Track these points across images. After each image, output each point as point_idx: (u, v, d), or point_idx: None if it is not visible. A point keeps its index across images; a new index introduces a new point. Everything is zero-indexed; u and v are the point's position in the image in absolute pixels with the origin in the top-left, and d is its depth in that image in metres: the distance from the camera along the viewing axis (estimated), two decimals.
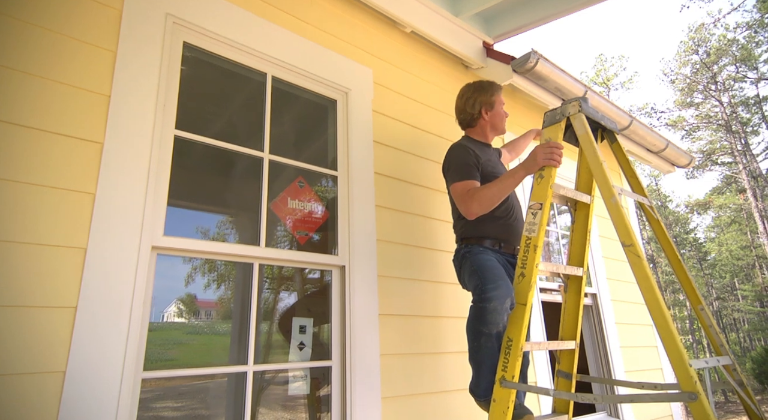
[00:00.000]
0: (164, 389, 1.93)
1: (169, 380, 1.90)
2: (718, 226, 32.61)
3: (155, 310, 1.97)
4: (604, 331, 3.44)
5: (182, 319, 2.10)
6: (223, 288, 2.15)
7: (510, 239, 2.03)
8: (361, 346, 1.97)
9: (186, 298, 2.09)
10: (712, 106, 24.60)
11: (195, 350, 2.21)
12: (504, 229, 2.02)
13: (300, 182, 2.12)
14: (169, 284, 1.90)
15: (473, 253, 1.96)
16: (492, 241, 1.99)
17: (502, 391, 1.59)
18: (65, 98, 1.45)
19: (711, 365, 1.33)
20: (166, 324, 2.01)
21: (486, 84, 2.24)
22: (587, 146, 1.66)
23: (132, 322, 1.38)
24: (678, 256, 1.65)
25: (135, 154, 1.51)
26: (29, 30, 1.43)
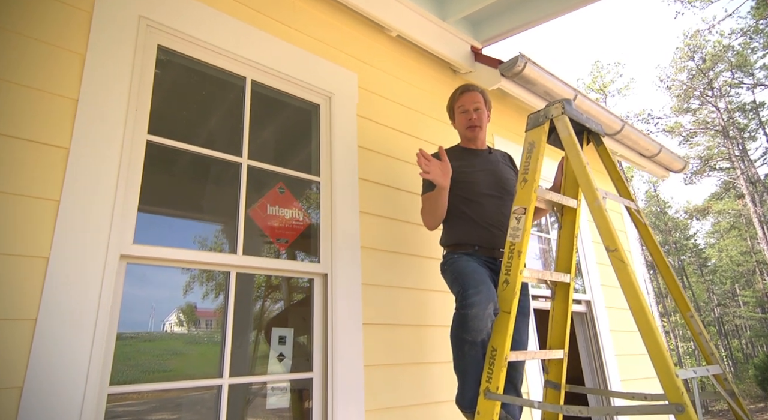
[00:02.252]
0: (143, 402, 1.87)
1: (149, 394, 1.84)
2: (718, 232, 32.55)
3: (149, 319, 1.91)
4: (599, 339, 3.37)
5: (170, 329, 2.04)
6: (207, 297, 2.09)
7: (484, 242, 1.97)
8: (344, 356, 1.91)
9: (186, 308, 2.04)
10: (709, 111, 24.66)
11: (177, 361, 2.15)
12: (476, 232, 1.98)
13: (280, 188, 2.07)
14: (151, 293, 1.85)
15: (453, 260, 1.93)
16: (465, 245, 1.96)
17: (486, 404, 1.53)
18: (29, 102, 1.40)
19: (700, 375, 1.27)
20: (147, 334, 1.95)
21: (454, 91, 2.26)
22: (571, 149, 1.62)
23: (97, 335, 1.32)
24: (666, 261, 1.59)
25: (103, 159, 1.47)
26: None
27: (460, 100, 2.19)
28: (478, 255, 1.95)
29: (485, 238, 1.98)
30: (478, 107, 2.16)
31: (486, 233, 1.98)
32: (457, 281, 1.81)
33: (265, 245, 2.00)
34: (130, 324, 1.73)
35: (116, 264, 1.43)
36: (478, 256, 1.94)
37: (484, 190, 2.04)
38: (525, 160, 1.73)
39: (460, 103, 2.19)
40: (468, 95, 2.18)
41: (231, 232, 1.84)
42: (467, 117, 2.16)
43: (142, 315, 1.87)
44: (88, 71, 1.50)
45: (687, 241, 34.25)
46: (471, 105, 2.16)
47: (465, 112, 2.17)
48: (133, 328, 1.79)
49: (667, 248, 32.23)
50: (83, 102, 1.47)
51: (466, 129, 2.18)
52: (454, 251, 1.98)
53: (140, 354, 1.85)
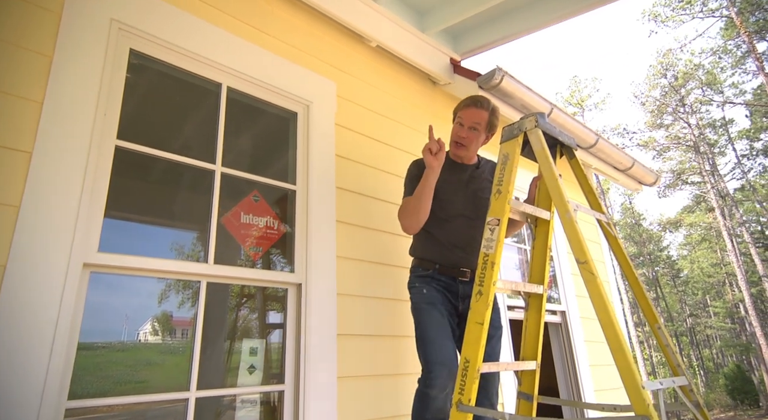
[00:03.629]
0: (112, 416, 1.80)
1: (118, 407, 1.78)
2: (690, 244, 33.46)
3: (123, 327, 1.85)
4: (573, 350, 3.40)
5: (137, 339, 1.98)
6: (179, 306, 2.04)
7: (446, 262, 1.96)
8: (318, 368, 1.88)
9: (161, 317, 1.98)
10: (681, 127, 25.48)
11: (148, 372, 2.08)
12: (440, 252, 1.98)
13: (255, 196, 2.04)
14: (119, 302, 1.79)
15: (415, 288, 1.97)
16: (428, 262, 1.98)
17: (458, 416, 1.52)
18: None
19: (666, 386, 1.29)
20: (122, 344, 1.88)
21: (466, 99, 2.10)
22: (543, 161, 1.64)
23: (55, 348, 1.27)
24: (635, 274, 1.62)
25: (68, 164, 1.42)
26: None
27: (462, 112, 2.05)
28: (438, 276, 1.95)
29: (448, 258, 1.97)
30: (474, 127, 2.01)
31: (450, 254, 1.97)
32: (421, 341, 1.83)
33: (238, 254, 1.97)
34: (98, 333, 1.68)
35: (79, 273, 1.38)
36: (439, 277, 1.95)
37: (459, 211, 2.01)
38: (499, 171, 1.74)
39: (461, 115, 2.05)
40: (471, 111, 2.02)
41: (202, 241, 1.80)
42: (457, 132, 2.05)
43: (110, 324, 1.81)
44: (54, 74, 1.46)
45: (660, 252, 35.12)
46: (468, 122, 2.02)
47: (460, 125, 2.04)
48: (100, 337, 1.73)
49: (642, 259, 32.97)
50: (48, 105, 1.43)
51: (452, 143, 2.10)
52: (418, 266, 2.01)
53: (110, 364, 1.79)
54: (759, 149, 25.43)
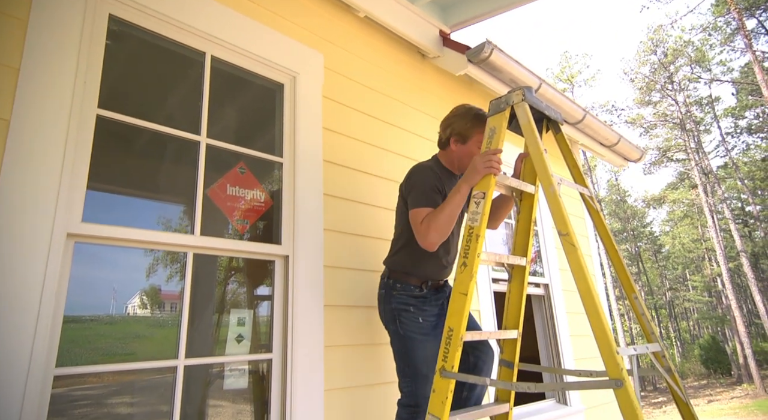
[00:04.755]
0: (104, 386, 1.83)
1: (110, 377, 1.81)
2: (672, 220, 34.15)
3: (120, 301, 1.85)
4: (555, 321, 3.50)
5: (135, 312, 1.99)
6: (166, 278, 2.04)
7: (438, 279, 1.94)
8: (305, 338, 1.91)
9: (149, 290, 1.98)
10: (669, 105, 25.62)
11: (138, 344, 2.11)
12: (437, 269, 1.92)
13: (241, 168, 2.03)
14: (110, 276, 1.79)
15: (409, 312, 1.82)
16: (420, 280, 1.87)
17: (441, 382, 1.57)
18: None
19: (640, 352, 1.35)
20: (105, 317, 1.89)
21: (473, 114, 1.94)
22: (529, 135, 1.65)
23: (41, 317, 1.28)
24: (615, 246, 1.66)
25: (47, 133, 1.39)
26: None
27: (482, 133, 1.86)
28: (430, 295, 1.88)
29: (441, 275, 1.94)
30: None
31: (443, 272, 1.95)
32: (413, 377, 1.74)
33: (224, 226, 1.97)
34: (85, 305, 1.68)
35: (63, 243, 1.37)
36: (430, 296, 1.89)
37: (458, 227, 1.99)
38: (486, 145, 1.75)
39: (479, 137, 1.90)
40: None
41: (188, 213, 1.79)
42: (474, 153, 1.90)
43: (97, 296, 1.82)
44: (30, 38, 1.42)
45: (644, 228, 35.82)
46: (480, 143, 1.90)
47: (479, 148, 1.88)
48: (87, 310, 1.74)
49: (625, 235, 33.60)
50: (25, 71, 1.39)
51: (464, 165, 1.92)
52: (409, 284, 1.85)
53: (98, 337, 1.81)
54: (743, 127, 25.77)
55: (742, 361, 20.23)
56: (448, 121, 1.99)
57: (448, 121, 1.99)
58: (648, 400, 19.35)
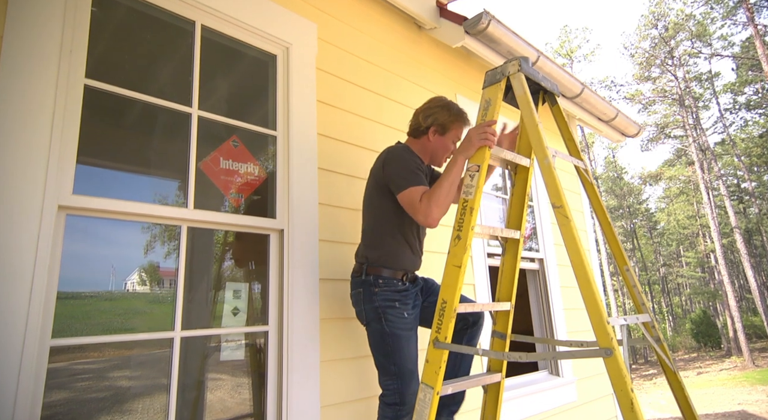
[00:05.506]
0: (105, 360, 1.86)
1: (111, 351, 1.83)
2: (668, 197, 34.29)
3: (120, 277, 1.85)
4: (549, 295, 3.55)
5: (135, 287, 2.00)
6: (159, 253, 2.05)
7: (414, 269, 1.90)
8: (300, 311, 1.93)
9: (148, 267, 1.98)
10: (668, 80, 25.36)
11: (135, 319, 2.13)
12: (414, 259, 1.89)
13: (234, 142, 2.01)
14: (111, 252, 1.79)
15: (394, 308, 1.75)
16: (401, 272, 1.81)
17: (435, 352, 1.59)
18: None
19: (630, 322, 1.37)
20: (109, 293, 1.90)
21: (456, 109, 1.95)
22: (525, 107, 1.63)
23: (35, 288, 1.28)
24: (608, 219, 1.67)
25: (35, 102, 1.37)
26: None
27: (460, 131, 1.96)
28: (407, 287, 1.83)
29: (415, 265, 1.91)
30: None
31: (417, 261, 1.92)
32: (398, 375, 1.70)
33: (218, 200, 1.96)
34: (78, 279, 1.68)
35: (54, 215, 1.36)
36: (405, 285, 1.83)
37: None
38: (481, 117, 1.73)
39: (457, 133, 1.95)
40: (462, 130, 1.98)
41: (181, 186, 1.78)
42: (449, 148, 1.97)
43: (91, 271, 1.82)
44: (13, 6, 1.37)
45: (640, 205, 35.98)
46: (458, 140, 1.97)
47: (453, 143, 1.96)
48: (80, 284, 1.74)
49: (621, 212, 33.77)
50: (8, 40, 1.35)
51: (441, 158, 1.98)
52: (392, 278, 1.79)
53: (93, 312, 1.82)
54: (742, 103, 25.61)
55: (732, 335, 20.67)
56: (431, 110, 1.95)
57: (431, 111, 1.94)
58: (639, 372, 19.83)
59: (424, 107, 1.98)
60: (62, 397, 1.72)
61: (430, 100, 2.01)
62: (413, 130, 1.99)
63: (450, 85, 3.22)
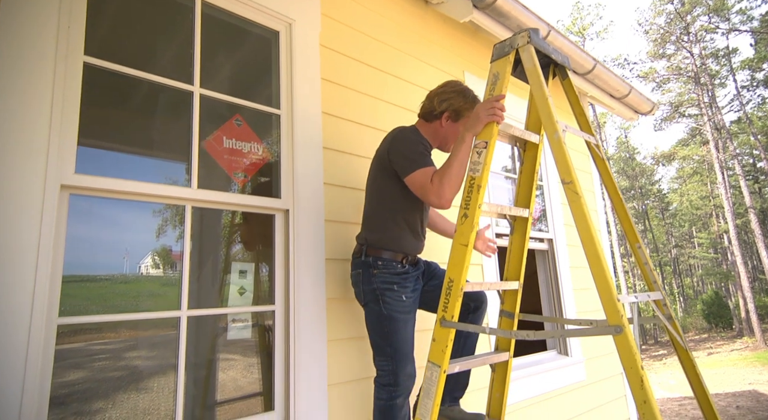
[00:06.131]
0: (119, 341, 1.88)
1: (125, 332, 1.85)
2: (681, 177, 33.78)
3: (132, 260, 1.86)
4: (558, 275, 3.52)
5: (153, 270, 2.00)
6: (166, 234, 2.04)
7: (415, 253, 1.87)
8: (307, 290, 1.93)
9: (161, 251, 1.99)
10: (683, 57, 24.71)
11: (144, 299, 2.14)
12: (416, 242, 1.86)
13: (237, 121, 1.98)
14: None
15: (393, 291, 1.74)
16: (401, 255, 1.79)
17: (441, 331, 1.58)
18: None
19: (641, 300, 1.34)
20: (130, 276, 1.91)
21: (472, 96, 1.90)
22: (534, 80, 1.58)
23: (40, 267, 1.28)
24: (620, 195, 1.62)
25: (33, 79, 1.34)
26: None
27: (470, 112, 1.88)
28: (406, 270, 1.80)
29: (417, 249, 1.87)
30: None
31: (419, 245, 1.89)
32: (393, 356, 1.69)
33: (222, 180, 1.94)
34: (86, 261, 1.69)
35: (57, 194, 1.35)
36: (405, 268, 1.80)
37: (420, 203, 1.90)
38: (489, 92, 1.68)
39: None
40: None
41: (184, 165, 1.76)
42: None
43: (96, 252, 1.82)
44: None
45: (652, 186, 35.52)
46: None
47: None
48: (88, 265, 1.75)
49: (633, 193, 33.38)
50: (4, 15, 1.32)
51: (452, 145, 1.92)
52: (392, 260, 1.77)
53: (103, 292, 1.83)
54: (760, 80, 24.92)
55: (744, 316, 20.53)
56: (446, 95, 1.89)
57: (446, 95, 1.89)
58: (649, 353, 19.85)
59: (439, 91, 1.92)
60: (72, 376, 1.74)
61: (445, 83, 1.94)
62: (426, 113, 1.93)
63: (458, 63, 3.15)
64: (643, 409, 1.08)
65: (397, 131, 1.85)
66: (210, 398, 2.01)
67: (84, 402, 1.73)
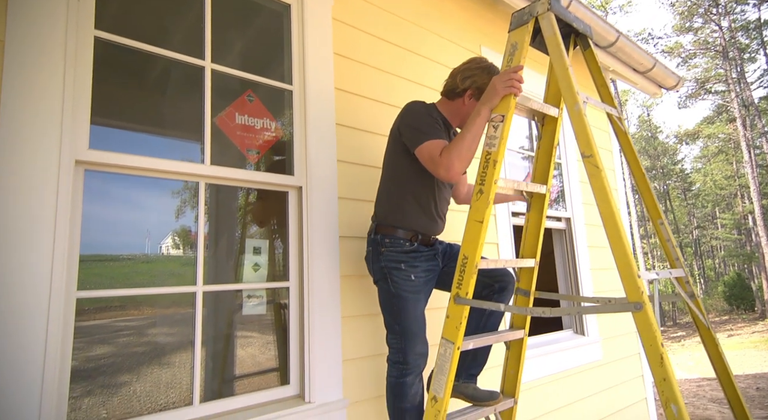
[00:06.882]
0: (143, 318, 1.93)
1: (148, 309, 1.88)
2: (705, 157, 32.83)
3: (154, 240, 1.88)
4: (576, 254, 3.46)
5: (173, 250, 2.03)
6: (183, 211, 2.06)
7: (429, 233, 1.81)
8: (320, 267, 1.93)
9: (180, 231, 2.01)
10: (711, 31, 23.71)
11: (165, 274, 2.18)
12: (427, 221, 1.80)
13: (249, 96, 1.96)
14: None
15: (400, 270, 1.71)
16: (412, 233, 1.75)
17: (455, 308, 1.57)
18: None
19: (662, 277, 1.30)
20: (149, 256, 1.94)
21: (497, 73, 1.80)
22: (554, 49, 1.51)
23: (57, 240, 1.29)
24: (642, 170, 1.57)
25: (45, 53, 1.34)
26: None
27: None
28: (422, 249, 1.77)
29: (431, 229, 1.82)
30: None
31: (434, 226, 1.83)
32: (402, 335, 1.68)
33: (235, 156, 1.93)
34: (103, 239, 1.71)
35: (72, 169, 1.36)
36: (422, 250, 1.77)
37: (440, 183, 1.84)
38: (506, 63, 1.63)
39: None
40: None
41: (197, 142, 1.75)
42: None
43: (112, 229, 1.85)
44: None
45: (674, 166, 34.64)
46: None
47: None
48: (104, 243, 1.78)
49: (654, 173, 32.62)
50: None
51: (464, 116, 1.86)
52: (401, 239, 1.73)
53: (138, 275, 1.85)
54: None
55: (767, 298, 20.11)
56: (470, 72, 1.82)
57: (470, 72, 1.81)
58: (667, 335, 19.66)
59: (463, 68, 1.85)
60: (99, 351, 1.79)
61: (470, 60, 1.87)
62: (448, 91, 1.87)
63: (475, 37, 3.06)
64: (662, 387, 1.05)
65: (408, 104, 1.81)
66: (227, 372, 2.05)
67: (110, 375, 1.78)
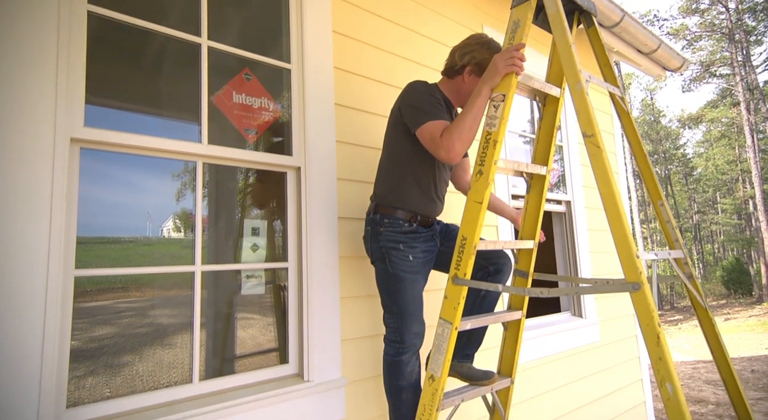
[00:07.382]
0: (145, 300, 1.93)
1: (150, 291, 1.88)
2: (708, 141, 32.66)
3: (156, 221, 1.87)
4: (575, 237, 3.46)
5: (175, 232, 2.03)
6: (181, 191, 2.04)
7: (428, 214, 1.80)
8: (319, 248, 1.92)
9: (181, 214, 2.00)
10: (718, 12, 23.32)
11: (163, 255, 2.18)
12: (426, 202, 1.78)
13: (246, 75, 1.93)
14: None
15: (398, 250, 1.70)
16: (410, 213, 1.74)
17: (453, 289, 1.57)
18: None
19: (661, 257, 1.29)
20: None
21: (496, 47, 1.77)
22: (557, 26, 1.48)
23: (54, 218, 1.29)
24: (644, 151, 1.55)
25: (36, 28, 1.31)
26: None
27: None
28: (420, 230, 1.76)
29: (430, 210, 1.81)
30: None
31: (433, 207, 1.82)
32: (399, 315, 1.68)
33: (232, 136, 1.91)
34: (100, 221, 1.70)
35: (67, 147, 1.34)
36: (420, 231, 1.76)
37: (440, 164, 1.83)
38: (508, 41, 1.60)
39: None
40: None
41: (194, 120, 1.73)
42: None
43: (109, 209, 1.84)
44: None
45: (676, 150, 34.47)
46: None
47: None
48: (101, 224, 1.77)
49: (656, 157, 32.48)
50: None
51: (465, 95, 1.83)
52: (399, 219, 1.72)
53: (139, 257, 1.84)
54: None
55: (765, 282, 20.23)
56: (469, 47, 1.79)
57: (469, 48, 1.79)
58: (664, 318, 19.83)
59: (462, 44, 1.82)
60: (101, 332, 1.80)
61: (468, 37, 1.84)
62: (448, 69, 1.84)
63: (476, 15, 3.00)
64: (658, 366, 1.06)
65: (409, 84, 1.78)
66: (227, 352, 2.06)
67: (112, 355, 1.80)
